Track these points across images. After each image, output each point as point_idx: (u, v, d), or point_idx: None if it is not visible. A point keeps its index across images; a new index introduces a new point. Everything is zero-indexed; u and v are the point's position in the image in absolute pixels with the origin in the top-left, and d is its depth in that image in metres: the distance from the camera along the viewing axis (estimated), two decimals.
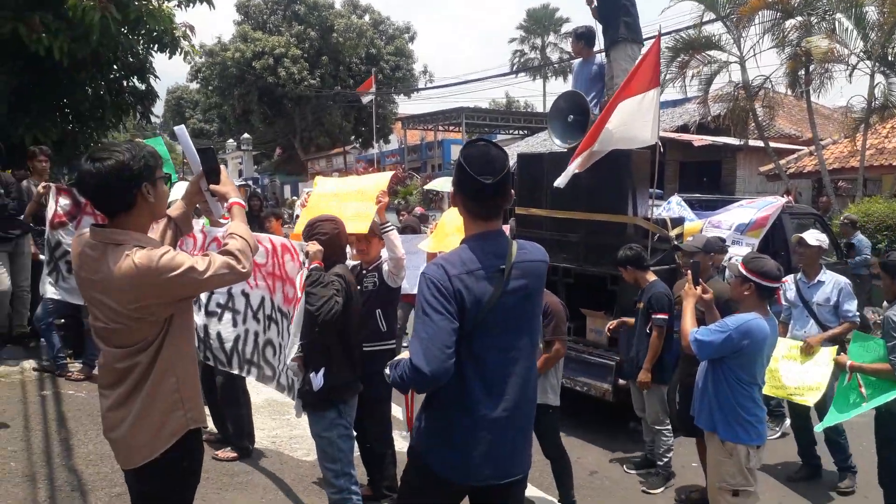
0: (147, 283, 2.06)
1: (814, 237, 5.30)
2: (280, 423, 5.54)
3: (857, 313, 5.20)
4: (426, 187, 22.47)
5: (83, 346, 6.23)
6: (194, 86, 46.82)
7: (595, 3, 6.33)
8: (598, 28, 6.40)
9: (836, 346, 4.82)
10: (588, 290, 6.18)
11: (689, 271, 3.83)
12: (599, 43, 6.54)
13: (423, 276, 2.25)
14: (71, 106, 10.04)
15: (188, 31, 9.71)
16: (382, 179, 4.47)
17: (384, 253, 4.18)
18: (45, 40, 7.95)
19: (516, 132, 33.42)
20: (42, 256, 6.48)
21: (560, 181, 5.58)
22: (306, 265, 3.41)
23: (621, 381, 5.49)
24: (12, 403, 5.09)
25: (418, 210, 19.25)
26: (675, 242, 5.99)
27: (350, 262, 4.16)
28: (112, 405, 2.21)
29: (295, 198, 27.45)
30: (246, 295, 4.08)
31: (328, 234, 3.62)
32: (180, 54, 9.50)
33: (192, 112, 53.87)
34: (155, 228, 2.43)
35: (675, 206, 7.42)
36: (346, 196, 4.33)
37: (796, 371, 4.81)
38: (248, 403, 4.81)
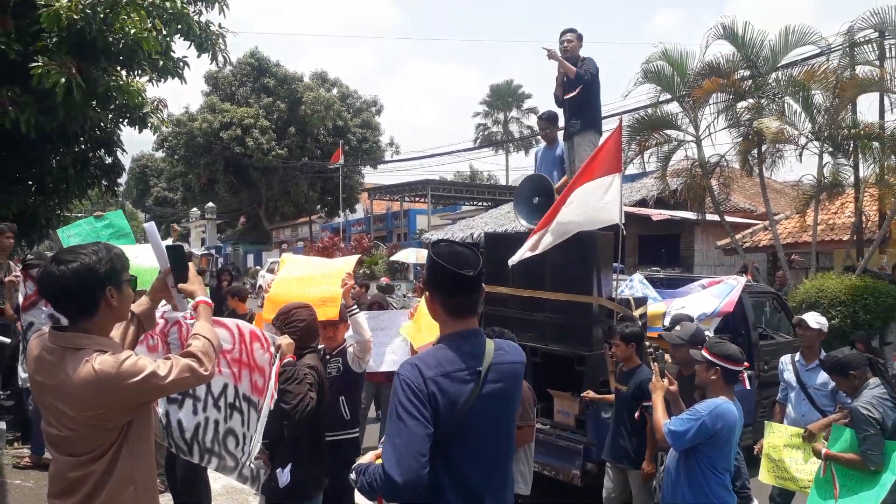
0: (106, 389, 2.01)
1: (814, 320, 5.27)
2: None
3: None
4: (392, 258, 22.55)
5: (30, 431, 5.96)
6: (160, 154, 46.81)
7: (564, 92, 6.56)
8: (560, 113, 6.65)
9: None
10: (554, 371, 6.18)
11: (655, 363, 3.87)
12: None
13: (398, 376, 2.20)
14: (34, 178, 9.92)
15: (159, 106, 9.77)
16: (348, 262, 4.48)
17: (348, 336, 4.15)
18: (12, 114, 7.93)
19: (480, 203, 33.98)
20: None
21: (513, 259, 5.69)
22: (278, 359, 3.35)
23: (589, 465, 5.42)
24: None
25: (384, 280, 19.26)
26: (641, 323, 6.06)
27: None
28: None
29: (258, 267, 27.28)
30: (208, 382, 3.97)
31: (305, 321, 3.61)
32: (150, 129, 9.53)
33: (156, 181, 53.78)
34: (118, 325, 2.38)
35: (637, 284, 7.53)
36: (312, 280, 4.32)
37: (801, 461, 4.69)
38: (209, 495, 4.63)
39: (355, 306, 4.01)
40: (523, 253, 5.67)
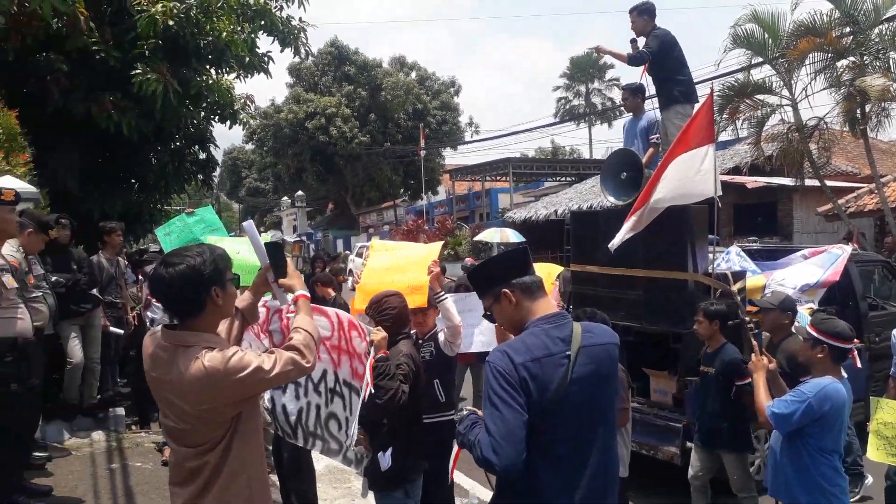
0: (215, 385, 2.11)
1: None
2: (342, 493, 5.52)
3: None
4: (476, 238, 22.54)
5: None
6: (250, 147, 48.57)
7: (646, 63, 6.38)
8: (648, 82, 6.46)
9: None
10: (650, 349, 6.05)
11: (754, 340, 3.72)
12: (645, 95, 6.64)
13: (489, 363, 2.23)
14: (137, 177, 10.51)
15: (247, 102, 10.14)
16: (433, 249, 4.52)
17: (439, 320, 4.19)
18: (115, 117, 8.42)
19: (563, 179, 33.44)
20: (113, 329, 6.73)
21: (614, 242, 5.53)
22: (372, 353, 3.43)
23: (688, 444, 5.29)
24: (84, 479, 5.20)
25: (468, 261, 19.23)
26: (739, 298, 5.83)
27: None
28: None
29: (347, 252, 27.95)
30: None
31: (396, 309, 3.69)
32: (240, 124, 9.91)
33: (247, 172, 55.84)
34: (224, 321, 2.50)
35: (734, 257, 7.22)
36: (399, 269, 4.38)
37: None
38: (313, 477, 4.81)
39: (443, 292, 4.05)
40: (624, 235, 5.51)
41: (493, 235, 19.55)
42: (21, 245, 4.67)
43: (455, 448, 3.46)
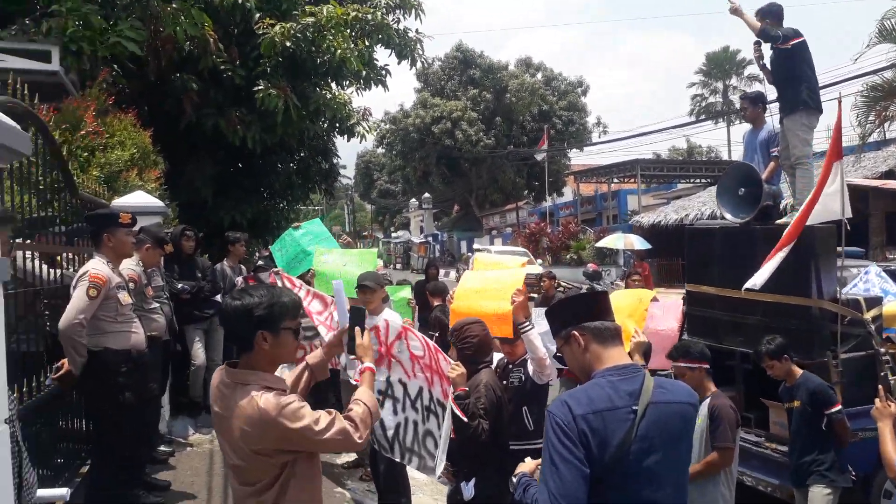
0: (266, 427, 2.13)
1: None
2: None
3: None
4: (598, 244, 21.89)
5: None
6: (380, 150, 50.23)
7: (769, 66, 5.92)
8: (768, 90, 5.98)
9: None
10: (769, 379, 5.58)
11: (880, 387, 3.31)
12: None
13: (549, 413, 2.12)
14: (265, 186, 11.16)
15: (365, 115, 10.48)
16: (518, 277, 4.40)
17: None
18: (240, 132, 8.99)
19: (697, 181, 31.84)
20: None
21: (756, 280, 5.02)
22: (451, 391, 3.40)
23: None
24: (200, 475, 5.50)
25: (590, 267, 18.67)
26: (874, 327, 5.25)
27: (496, 356, 4.11)
28: None
29: (469, 254, 28.21)
30: (403, 384, 4.13)
31: (478, 337, 3.63)
32: (357, 137, 10.27)
33: (378, 174, 57.79)
34: (294, 369, 2.52)
35: (873, 277, 6.53)
36: (486, 294, 4.31)
37: None
38: (408, 492, 4.85)
39: (527, 322, 3.92)
40: (765, 274, 5.04)
41: (617, 241, 18.95)
42: (140, 259, 5.05)
43: None
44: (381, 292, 5.03)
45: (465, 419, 3.27)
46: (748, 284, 5.06)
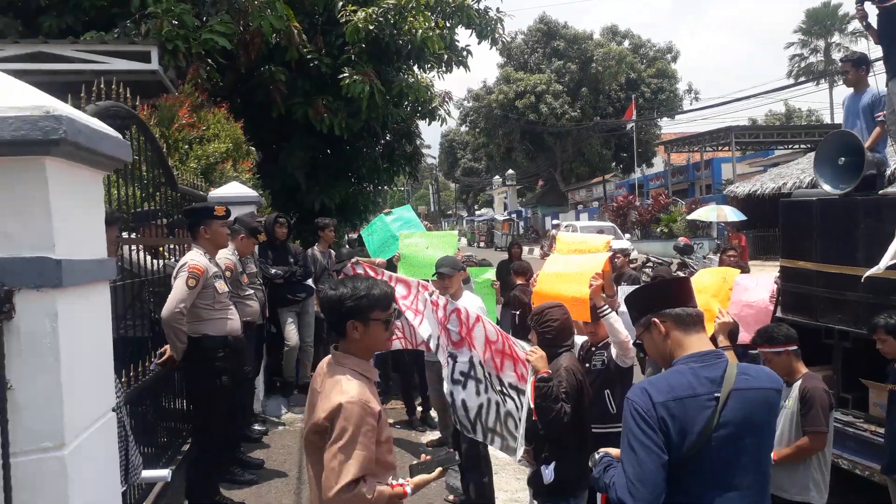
0: (336, 407, 2.21)
1: None
2: (523, 485, 5.59)
3: None
4: (690, 217, 21.10)
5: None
6: (464, 128, 50.24)
7: (873, 25, 5.53)
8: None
9: None
10: (869, 358, 5.29)
11: None
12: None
13: (627, 401, 2.14)
14: (352, 171, 11.46)
15: (445, 98, 10.54)
16: (597, 262, 4.35)
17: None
18: (327, 119, 9.26)
19: (797, 146, 30.08)
20: None
21: (881, 264, 4.65)
22: (531, 374, 3.42)
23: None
24: (292, 453, 5.77)
25: (681, 240, 18.09)
26: None
27: (579, 339, 4.11)
28: None
29: (552, 230, 27.84)
30: (482, 365, 4.22)
31: (558, 321, 3.63)
32: (437, 120, 10.35)
33: (462, 153, 57.88)
34: None
35: None
36: (567, 278, 4.29)
37: None
38: (490, 471, 4.94)
39: (606, 306, 3.88)
40: (891, 255, 4.69)
41: (710, 213, 18.22)
42: (235, 248, 5.34)
43: (599, 494, 3.36)
44: (460, 276, 5.10)
45: (534, 404, 3.30)
46: (871, 271, 4.73)
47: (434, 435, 6.42)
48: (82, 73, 7.23)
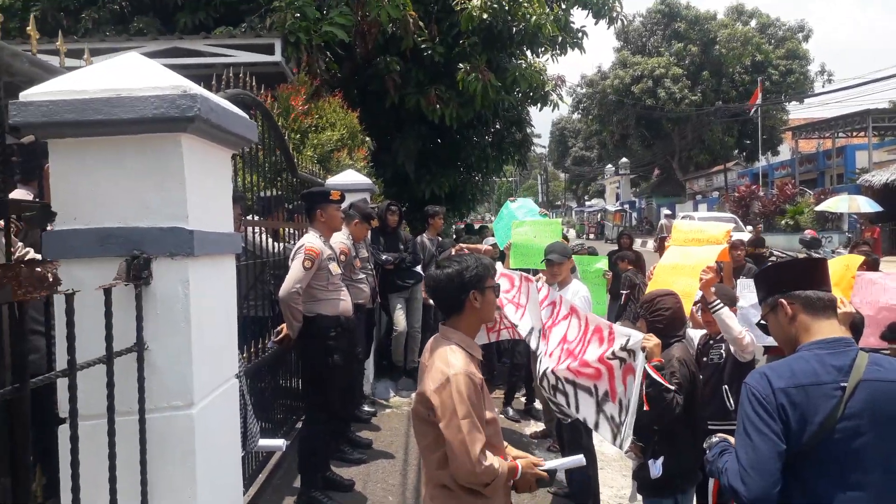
0: (439, 377, 2.26)
1: None
2: (630, 482, 5.46)
3: None
4: (818, 208, 19.70)
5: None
6: (576, 116, 49.31)
7: None
8: None
9: None
10: None
11: None
12: None
13: (745, 385, 2.05)
14: (461, 159, 11.54)
15: (558, 84, 10.38)
16: (710, 255, 4.14)
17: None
18: (439, 110, 9.36)
19: None
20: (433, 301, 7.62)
21: None
22: (643, 359, 3.30)
23: None
24: (399, 435, 5.87)
25: (808, 233, 16.96)
26: None
27: (695, 333, 3.95)
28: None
29: (665, 221, 26.86)
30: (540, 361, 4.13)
31: (670, 309, 3.51)
32: (549, 106, 10.22)
33: (573, 141, 56.88)
34: None
35: None
36: (682, 270, 4.13)
37: None
38: (595, 465, 4.83)
39: (718, 301, 3.68)
40: None
41: (841, 204, 17.01)
42: (350, 233, 5.51)
43: (712, 480, 3.20)
44: (569, 263, 5.03)
45: (665, 384, 3.19)
46: None
47: (538, 426, 6.39)
48: (213, 67, 7.70)
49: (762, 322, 2.29)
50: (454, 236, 9.00)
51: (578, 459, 2.85)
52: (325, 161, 6.76)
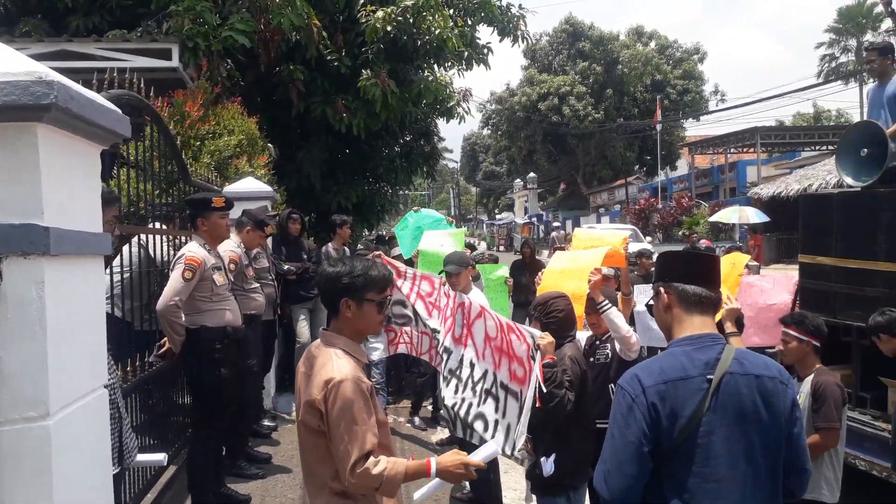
0: (325, 386, 2.18)
1: None
2: None
3: None
4: (712, 218, 20.85)
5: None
6: (486, 131, 50.19)
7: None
8: None
9: None
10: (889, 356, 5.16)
11: None
12: None
13: (618, 387, 2.08)
14: (369, 170, 11.47)
15: (464, 96, 10.52)
16: (597, 256, 4.30)
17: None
18: (346, 119, 9.28)
19: (825, 148, 29.57)
20: None
21: None
22: (538, 358, 3.37)
23: None
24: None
25: (703, 243, 17.84)
26: None
27: (581, 335, 4.06)
28: None
29: (554, 234, 27.75)
30: (472, 365, 4.16)
31: (563, 312, 3.58)
32: (456, 118, 10.33)
33: (484, 156, 57.83)
34: None
35: None
36: (569, 273, 4.26)
37: None
38: (497, 469, 4.87)
39: (606, 301, 3.81)
40: None
41: (732, 215, 18.01)
42: (242, 241, 5.34)
43: None
44: (468, 272, 5.08)
45: (545, 389, 3.25)
46: None
47: (445, 433, 6.39)
48: (105, 72, 7.34)
49: (650, 303, 2.34)
50: (360, 247, 8.91)
51: (494, 450, 2.84)
52: (222, 168, 6.55)
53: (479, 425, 3.83)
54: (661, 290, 2.18)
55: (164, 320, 3.98)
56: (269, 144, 8.03)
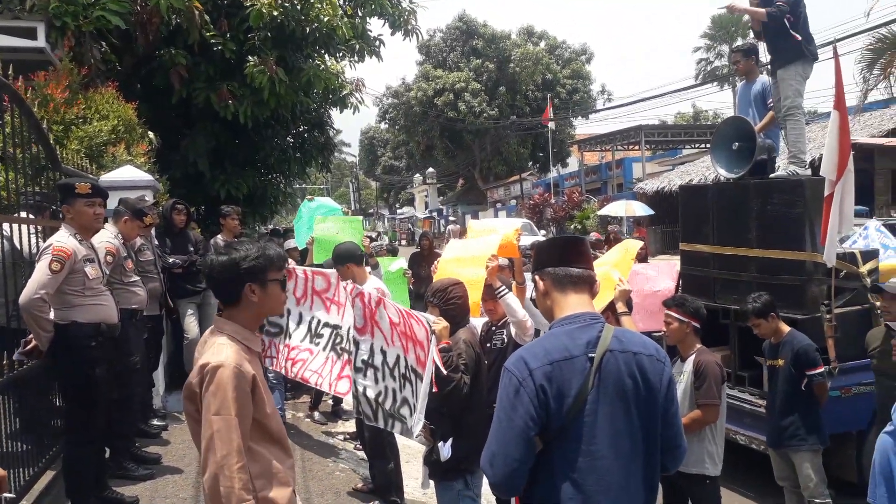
0: (205, 371, 2.10)
1: None
2: None
3: None
4: (601, 212, 21.78)
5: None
6: (383, 126, 49.90)
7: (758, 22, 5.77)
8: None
9: None
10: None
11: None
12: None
13: (504, 370, 2.06)
14: (261, 160, 11.07)
15: (357, 87, 10.35)
16: (492, 243, 4.36)
17: None
18: (232, 106, 8.90)
19: (703, 146, 31.49)
20: None
21: (829, 257, 4.93)
22: (434, 343, 3.36)
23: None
24: (192, 448, 5.38)
25: (593, 235, 18.54)
26: (869, 281, 5.17)
27: (477, 322, 4.07)
28: None
29: (451, 226, 28.22)
30: (384, 352, 4.11)
31: (462, 298, 3.60)
32: (349, 108, 10.15)
33: (382, 150, 57.51)
34: None
35: (873, 233, 6.44)
36: (464, 262, 4.29)
37: None
38: (397, 457, 4.84)
39: (503, 287, 3.88)
40: (833, 240, 4.90)
41: (619, 209, 18.89)
42: (119, 232, 5.00)
43: None
44: (359, 267, 4.99)
45: (445, 371, 3.23)
46: (826, 258, 4.93)
47: (349, 426, 6.30)
48: None
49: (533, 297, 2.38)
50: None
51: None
52: (97, 156, 6.10)
53: (405, 410, 3.77)
54: (537, 278, 2.22)
55: (28, 315, 3.64)
56: (150, 132, 7.57)
